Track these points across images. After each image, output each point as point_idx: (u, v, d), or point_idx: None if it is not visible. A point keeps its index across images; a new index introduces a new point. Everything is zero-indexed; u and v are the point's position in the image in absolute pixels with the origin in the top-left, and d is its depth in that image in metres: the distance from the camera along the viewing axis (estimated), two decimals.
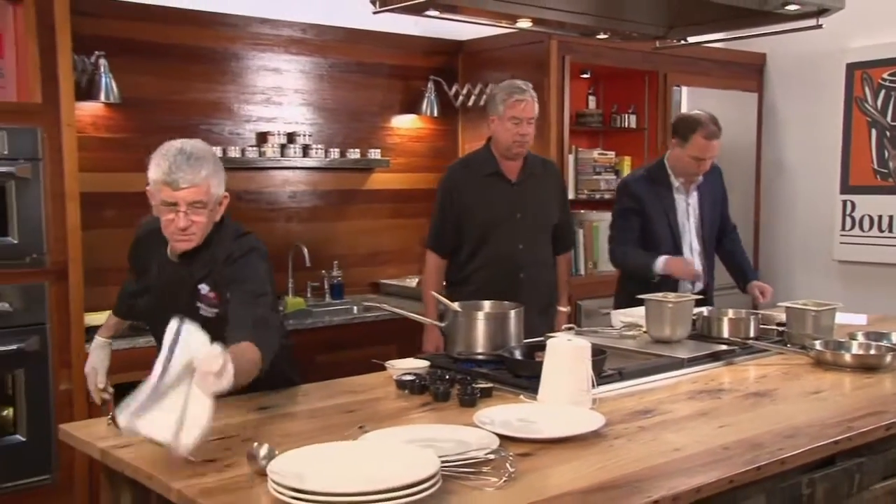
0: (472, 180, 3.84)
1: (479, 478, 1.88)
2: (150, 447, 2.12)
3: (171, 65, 4.50)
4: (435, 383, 2.64)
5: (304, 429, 2.32)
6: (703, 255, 4.24)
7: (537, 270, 3.85)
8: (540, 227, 3.88)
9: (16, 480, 3.59)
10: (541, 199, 3.89)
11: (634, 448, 2.15)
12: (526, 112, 3.75)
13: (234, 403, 2.57)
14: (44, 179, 3.59)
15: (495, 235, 3.78)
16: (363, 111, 5.16)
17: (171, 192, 2.53)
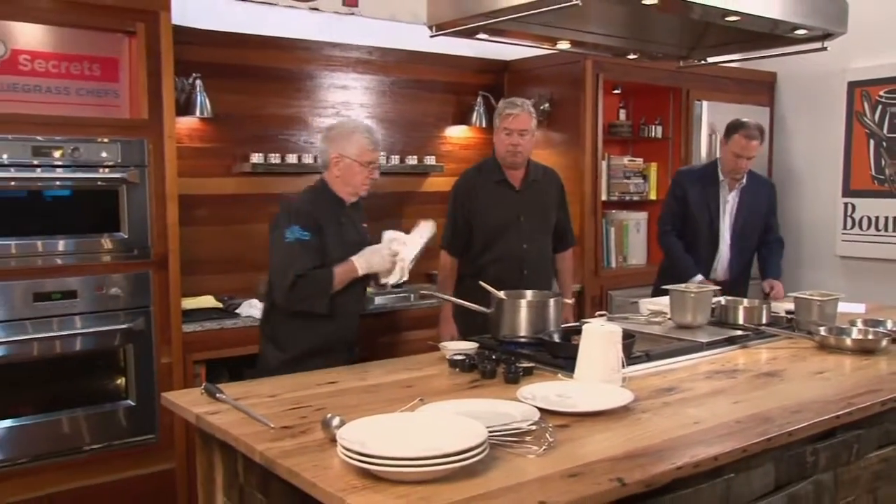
0: (482, 186, 3.81)
1: (522, 446, 1.88)
2: (238, 414, 2.16)
3: (255, 84, 4.54)
4: (482, 363, 2.64)
5: (368, 401, 2.33)
6: (733, 248, 4.29)
7: (538, 267, 3.81)
8: (541, 229, 3.84)
9: (127, 438, 3.65)
10: (542, 204, 3.84)
11: (659, 421, 2.14)
12: (516, 124, 3.68)
13: (308, 379, 2.63)
14: (149, 183, 3.63)
15: (502, 237, 3.74)
16: (420, 122, 5.16)
17: (375, 154, 3.20)
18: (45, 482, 3.47)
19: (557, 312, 3.00)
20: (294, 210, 3.14)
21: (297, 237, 3.05)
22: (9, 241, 3.36)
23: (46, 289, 3.43)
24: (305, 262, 3.04)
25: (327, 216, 3.16)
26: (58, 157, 3.43)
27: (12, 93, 3.47)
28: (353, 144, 3.19)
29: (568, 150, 5.10)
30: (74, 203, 3.50)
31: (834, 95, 5.61)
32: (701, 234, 4.30)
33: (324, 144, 3.27)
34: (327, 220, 3.15)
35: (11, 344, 3.37)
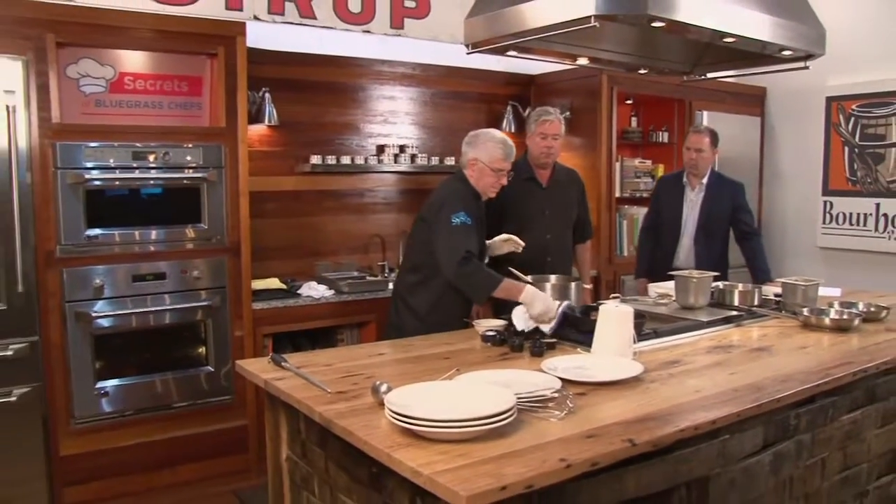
0: (513, 183, 3.77)
1: (546, 411, 1.88)
2: (299, 380, 2.18)
3: (315, 96, 4.55)
4: (511, 338, 2.63)
5: (412, 370, 2.33)
6: (697, 240, 4.31)
7: (560, 256, 3.78)
8: (564, 223, 3.81)
9: (207, 398, 3.71)
10: (564, 200, 3.81)
11: (665, 390, 2.12)
12: (551, 129, 3.68)
13: (359, 351, 2.64)
14: (225, 182, 3.67)
15: (529, 228, 3.70)
16: (457, 128, 5.11)
17: (506, 163, 3.19)
18: (145, 431, 3.56)
19: (578, 294, 2.98)
20: (461, 197, 3.12)
21: (463, 221, 3.02)
22: (113, 231, 3.42)
23: (142, 271, 3.50)
24: (471, 243, 3.02)
25: (473, 207, 3.16)
26: (152, 161, 3.48)
27: (118, 108, 3.54)
28: (488, 152, 3.17)
29: (586, 153, 5.06)
30: (164, 199, 3.56)
31: (814, 108, 5.56)
32: (666, 227, 4.39)
33: (466, 147, 3.25)
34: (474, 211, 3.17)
35: (116, 317, 3.44)
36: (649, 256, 4.47)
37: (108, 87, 3.50)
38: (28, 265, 3.19)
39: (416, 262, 3.20)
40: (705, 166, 4.30)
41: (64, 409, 3.36)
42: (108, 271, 3.41)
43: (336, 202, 4.66)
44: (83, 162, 3.32)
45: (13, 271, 3.15)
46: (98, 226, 3.38)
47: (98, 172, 3.34)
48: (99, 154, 3.35)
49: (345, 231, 4.68)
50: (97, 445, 3.45)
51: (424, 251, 3.12)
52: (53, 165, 3.26)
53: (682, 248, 4.36)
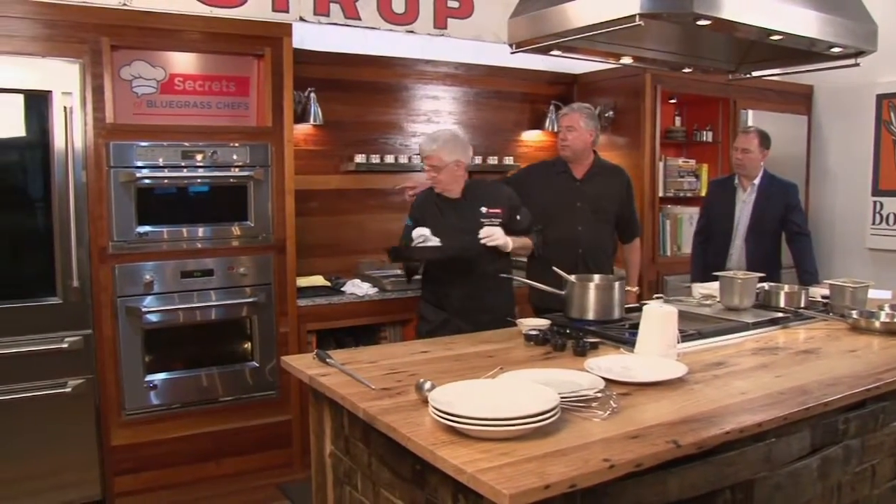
0: (545, 174, 3.80)
1: (589, 411, 1.86)
2: (344, 377, 2.19)
3: (358, 95, 4.58)
4: (554, 337, 2.61)
5: (455, 368, 2.32)
6: (749, 241, 4.26)
7: (594, 249, 3.73)
8: (597, 216, 3.74)
9: (252, 393, 3.76)
10: (601, 194, 3.75)
11: (710, 391, 2.09)
12: (564, 121, 3.71)
13: (403, 349, 2.64)
14: (271, 180, 3.72)
15: (560, 218, 3.69)
16: (500, 128, 5.13)
17: (423, 157, 3.37)
18: (192, 424, 3.63)
19: (621, 295, 2.94)
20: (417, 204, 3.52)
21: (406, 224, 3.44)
22: (162, 229, 3.50)
23: (189, 268, 3.56)
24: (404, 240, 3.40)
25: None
26: (200, 160, 3.54)
27: (168, 108, 3.62)
28: (468, 153, 3.42)
29: (630, 152, 5.00)
30: (212, 197, 3.62)
31: (864, 106, 5.38)
32: (718, 230, 4.36)
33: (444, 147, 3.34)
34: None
35: (164, 312, 3.52)
36: (703, 260, 4.40)
37: (158, 88, 3.58)
38: (82, 261, 3.29)
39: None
40: (753, 167, 4.23)
41: (115, 401, 3.45)
42: (158, 267, 3.48)
43: (379, 201, 4.69)
44: (134, 161, 3.39)
45: (68, 267, 3.25)
46: (148, 223, 3.45)
47: (148, 171, 3.42)
48: (149, 153, 3.42)
49: (388, 229, 4.68)
50: (146, 437, 3.53)
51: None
52: (107, 164, 3.34)
53: (735, 250, 4.31)
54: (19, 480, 3.22)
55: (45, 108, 3.19)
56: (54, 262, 3.24)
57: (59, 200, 3.22)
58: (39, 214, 3.25)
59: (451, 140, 3.31)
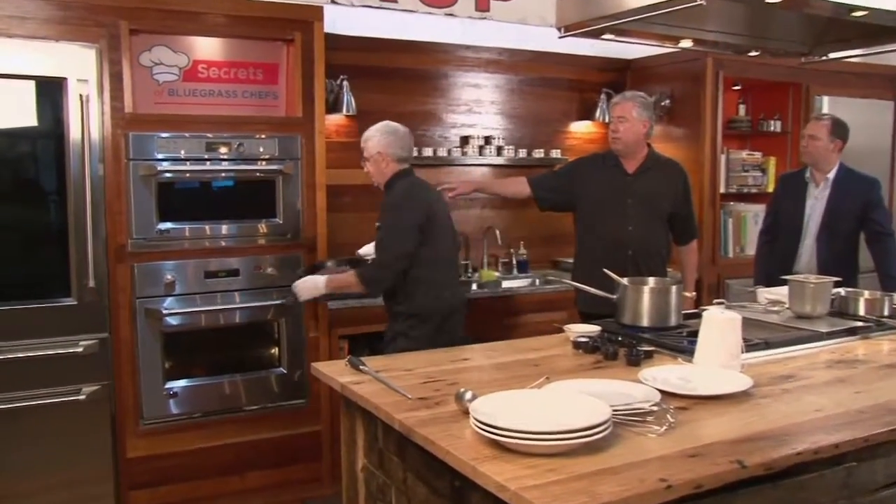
0: (597, 165, 3.78)
1: (644, 426, 1.84)
2: (378, 385, 2.21)
3: (394, 84, 4.60)
4: (605, 345, 2.59)
5: (498, 377, 2.32)
6: (821, 240, 4.17)
7: (644, 250, 3.67)
8: (649, 214, 3.69)
9: (280, 402, 3.79)
10: (653, 191, 3.70)
11: (779, 407, 2.04)
12: (615, 111, 3.67)
13: (442, 356, 2.64)
14: (301, 175, 3.74)
15: (608, 215, 3.66)
16: (546, 118, 5.11)
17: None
18: (214, 435, 3.67)
19: (679, 299, 2.90)
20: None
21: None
22: (184, 226, 3.55)
23: (213, 267, 3.60)
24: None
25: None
26: (225, 152, 3.58)
27: (192, 97, 3.66)
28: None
29: (688, 144, 4.94)
30: (237, 192, 3.66)
31: None
32: (786, 228, 4.27)
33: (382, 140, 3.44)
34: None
35: (186, 315, 3.56)
36: (768, 262, 4.32)
37: (181, 76, 3.62)
38: (99, 260, 3.34)
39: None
40: (821, 158, 4.14)
41: (132, 410, 3.50)
42: (179, 267, 3.53)
43: None
44: (155, 153, 3.44)
45: (84, 266, 3.31)
46: (169, 219, 3.50)
47: (169, 164, 3.47)
48: (171, 145, 3.47)
49: None
50: (165, 448, 3.57)
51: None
52: (126, 157, 3.39)
53: (804, 251, 4.21)
54: (26, 495, 3.27)
55: (60, 96, 3.24)
56: (69, 260, 3.30)
57: (75, 195, 3.27)
58: (53, 210, 3.31)
59: (377, 130, 3.39)
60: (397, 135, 3.37)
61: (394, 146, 3.34)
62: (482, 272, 4.70)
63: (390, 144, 3.34)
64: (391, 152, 3.34)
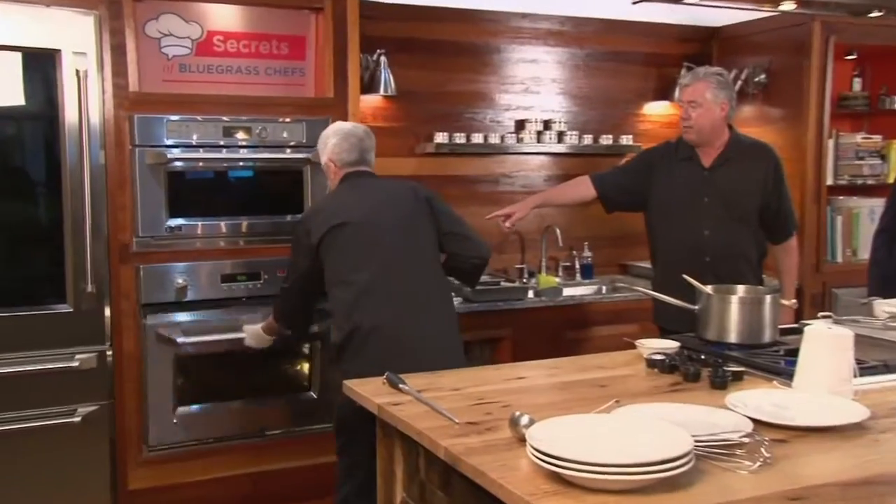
0: (663, 160, 3.73)
1: (733, 460, 1.80)
2: (420, 407, 2.21)
3: (439, 59, 4.61)
4: (685, 364, 2.56)
5: (559, 399, 2.32)
6: None
7: (726, 259, 3.60)
8: (731, 214, 3.62)
9: (305, 426, 3.81)
10: (736, 185, 3.62)
11: None
12: (686, 94, 3.60)
13: (495, 373, 2.65)
14: None
15: (680, 218, 3.61)
16: (616, 98, 5.08)
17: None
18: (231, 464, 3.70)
19: (774, 311, 2.85)
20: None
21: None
22: (197, 222, 3.58)
23: (230, 270, 3.64)
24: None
25: None
26: (244, 138, 3.62)
27: (206, 74, 3.70)
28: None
29: (787, 126, 4.86)
30: (259, 184, 3.70)
31: None
32: None
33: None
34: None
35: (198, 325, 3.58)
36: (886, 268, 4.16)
37: (193, 49, 3.67)
38: (99, 261, 3.38)
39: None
40: None
41: (135, 434, 3.54)
42: (192, 269, 3.57)
43: (464, 190, 4.70)
44: (164, 139, 3.49)
45: (82, 267, 3.34)
46: (180, 215, 3.54)
47: (180, 151, 3.50)
48: (182, 129, 3.51)
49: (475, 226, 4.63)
50: (173, 479, 3.61)
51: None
52: (130, 142, 3.44)
53: None
54: None
55: (52, 71, 3.27)
56: (64, 261, 3.34)
57: (71, 187, 3.31)
58: (46, 203, 3.37)
59: (324, 135, 3.34)
60: (342, 135, 3.29)
61: (339, 150, 3.27)
62: (540, 277, 4.68)
63: (335, 149, 3.28)
64: (338, 158, 3.28)
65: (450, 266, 3.29)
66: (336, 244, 3.10)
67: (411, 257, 3.14)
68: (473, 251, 3.30)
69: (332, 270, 3.11)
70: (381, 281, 3.06)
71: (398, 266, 3.10)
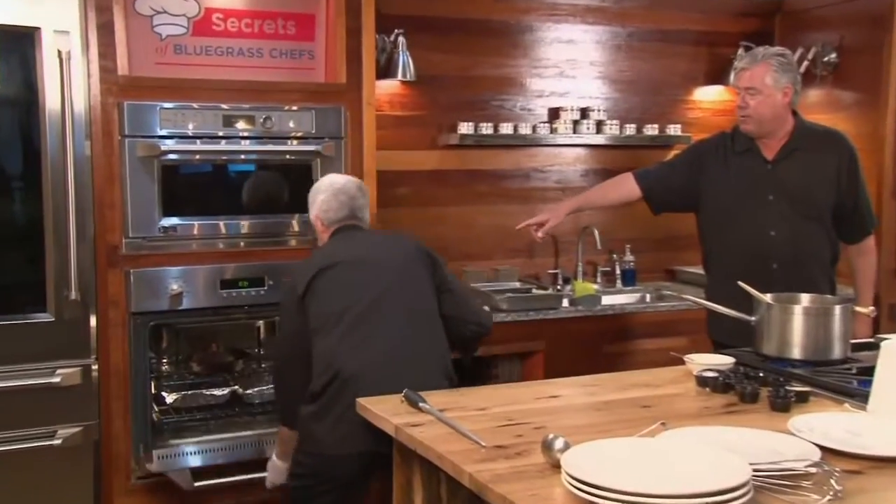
0: (724, 153, 3.68)
1: (798, 493, 1.78)
2: (442, 428, 2.22)
3: (464, 40, 4.61)
4: (741, 382, 2.55)
5: (597, 421, 2.33)
6: None
7: (796, 265, 3.55)
8: (800, 213, 3.57)
9: None
10: (804, 180, 3.57)
11: None
12: (742, 80, 3.53)
13: (524, 390, 2.67)
14: (344, 157, 3.76)
15: (741, 219, 3.57)
16: (663, 83, 5.07)
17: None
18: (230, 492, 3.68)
19: (845, 323, 2.82)
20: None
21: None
22: (193, 221, 3.59)
23: (231, 275, 3.63)
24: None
25: None
26: (246, 128, 3.61)
27: (204, 56, 3.71)
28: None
29: (861, 113, 4.82)
30: (262, 179, 3.72)
31: None
32: None
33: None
34: None
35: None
36: None
37: (190, 28, 3.68)
38: (84, 265, 3.38)
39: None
40: None
41: (123, 460, 3.54)
42: (188, 274, 3.57)
43: (491, 186, 4.70)
44: (157, 128, 3.49)
45: (65, 272, 3.34)
46: (175, 213, 3.55)
47: (175, 143, 3.51)
48: (177, 118, 3.52)
49: (503, 226, 4.68)
50: None
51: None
52: (119, 132, 3.44)
53: None
54: None
55: (31, 52, 3.27)
56: (45, 265, 3.34)
57: (53, 181, 3.31)
58: (24, 200, 3.38)
59: (314, 191, 3.35)
60: (332, 192, 3.28)
61: (327, 208, 3.27)
62: (576, 284, 4.65)
63: (323, 206, 3.27)
64: (325, 216, 3.28)
65: (445, 330, 3.22)
66: (323, 288, 3.05)
67: (403, 302, 3.09)
68: (472, 317, 3.29)
69: (317, 317, 3.04)
70: (368, 324, 3.01)
71: (389, 310, 3.05)
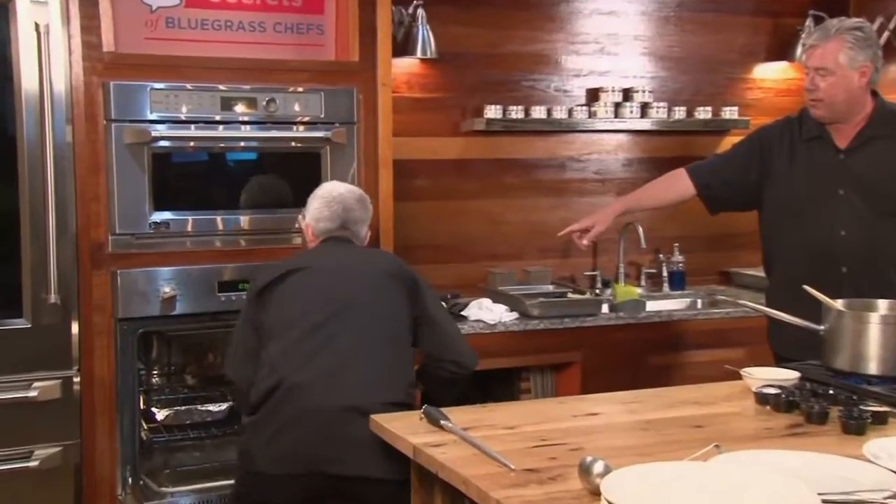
0: (790, 141, 3.62)
1: None
2: (467, 449, 2.21)
3: (491, 12, 4.61)
4: (808, 400, 2.53)
5: (641, 442, 2.33)
6: None
7: (869, 269, 3.49)
8: (875, 209, 3.50)
9: None
10: (881, 172, 3.52)
11: None
12: (811, 59, 3.46)
13: (558, 407, 2.67)
14: (357, 145, 3.77)
15: (807, 216, 3.52)
16: (717, 60, 5.06)
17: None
18: None
19: None
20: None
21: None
22: (187, 216, 3.60)
23: (229, 276, 3.64)
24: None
25: None
26: (246, 111, 3.62)
27: (200, 31, 3.72)
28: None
29: None
30: (265, 169, 3.74)
31: None
32: None
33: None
34: None
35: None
36: None
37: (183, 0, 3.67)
38: (65, 265, 3.40)
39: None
40: None
41: (108, 483, 3.54)
42: (181, 276, 3.58)
43: (522, 178, 4.70)
44: (146, 111, 3.50)
45: (43, 274, 3.35)
46: (167, 207, 3.56)
47: (166, 128, 3.52)
48: (169, 100, 3.52)
49: (535, 222, 4.69)
50: None
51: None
52: (105, 116, 3.46)
53: None
54: None
55: (4, 24, 3.28)
56: (20, 265, 3.36)
57: (30, 171, 3.33)
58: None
59: (312, 196, 3.38)
60: (326, 200, 3.31)
61: (318, 215, 3.30)
62: (617, 288, 4.65)
63: (315, 213, 3.31)
64: (315, 224, 3.31)
65: (419, 371, 3.25)
66: (286, 291, 3.10)
67: (366, 321, 3.09)
68: (450, 354, 3.26)
69: (275, 319, 3.07)
70: (324, 335, 3.02)
71: (349, 326, 3.06)
